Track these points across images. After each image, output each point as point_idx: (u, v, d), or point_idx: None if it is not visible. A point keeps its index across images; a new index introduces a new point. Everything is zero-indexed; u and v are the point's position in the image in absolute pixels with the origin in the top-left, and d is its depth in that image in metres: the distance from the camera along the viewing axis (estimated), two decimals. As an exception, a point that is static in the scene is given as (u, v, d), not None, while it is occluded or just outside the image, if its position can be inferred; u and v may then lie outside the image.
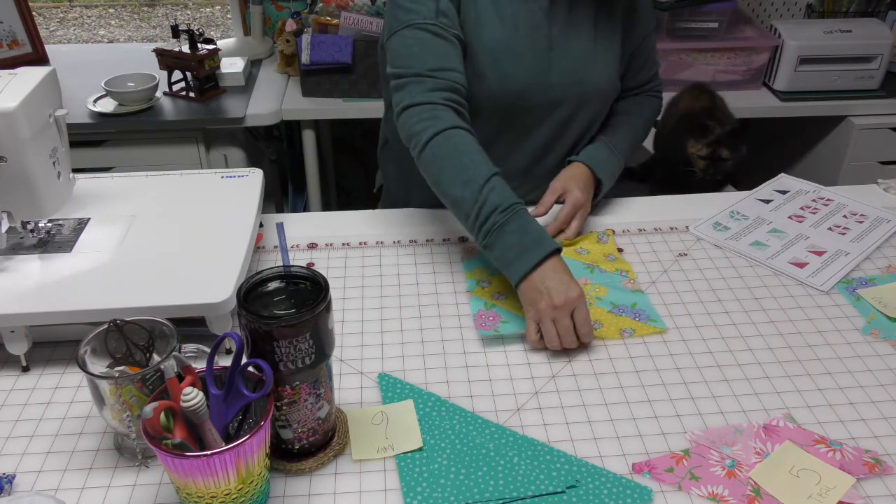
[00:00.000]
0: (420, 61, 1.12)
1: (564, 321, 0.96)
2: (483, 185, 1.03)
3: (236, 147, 2.08)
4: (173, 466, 0.68)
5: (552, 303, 0.96)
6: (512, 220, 1.01)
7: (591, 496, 0.78)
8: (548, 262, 0.98)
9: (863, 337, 1.01)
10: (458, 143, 1.08)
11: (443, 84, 1.11)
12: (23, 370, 0.95)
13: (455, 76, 1.13)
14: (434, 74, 1.11)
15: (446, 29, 1.13)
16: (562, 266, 0.99)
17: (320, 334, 0.74)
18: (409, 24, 1.13)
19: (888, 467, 0.81)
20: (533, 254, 0.99)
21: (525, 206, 1.05)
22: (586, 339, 0.97)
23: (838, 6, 2.38)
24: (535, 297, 0.97)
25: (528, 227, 1.02)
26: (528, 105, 1.22)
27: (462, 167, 1.06)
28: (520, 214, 1.02)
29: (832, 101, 2.16)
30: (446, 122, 1.09)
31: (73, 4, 4.92)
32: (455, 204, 1.07)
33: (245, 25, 2.45)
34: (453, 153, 1.07)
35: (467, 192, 1.04)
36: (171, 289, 0.93)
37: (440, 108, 1.10)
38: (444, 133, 1.08)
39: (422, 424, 0.86)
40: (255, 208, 1.11)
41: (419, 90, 1.11)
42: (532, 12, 1.19)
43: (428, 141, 1.08)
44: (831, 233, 1.23)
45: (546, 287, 0.97)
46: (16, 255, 1.00)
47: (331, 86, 2.06)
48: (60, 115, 1.01)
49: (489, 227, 1.02)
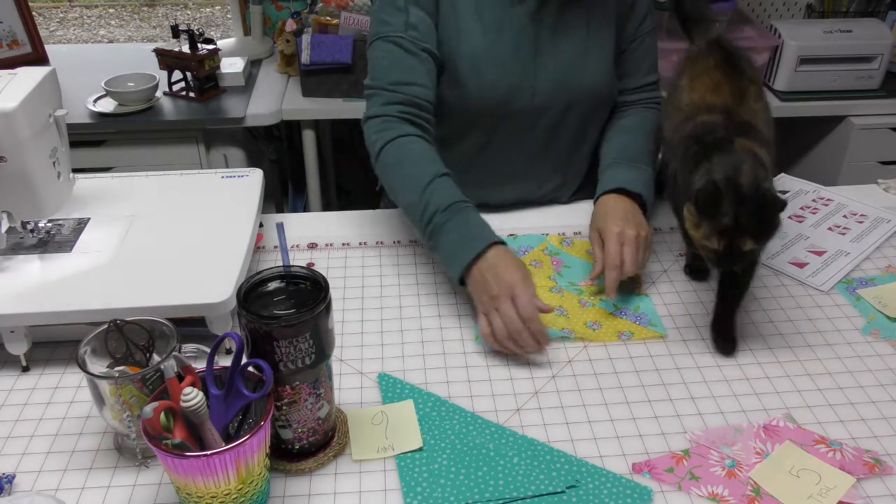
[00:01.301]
0: (385, 74, 1.15)
1: (505, 308, 0.94)
2: (426, 188, 1.05)
3: (236, 147, 2.08)
4: (173, 466, 0.68)
5: (490, 292, 0.96)
6: (452, 219, 1.03)
7: (591, 496, 0.78)
8: (487, 254, 0.98)
9: (863, 337, 1.01)
10: (406, 151, 1.11)
11: (400, 98, 1.13)
12: (23, 370, 0.95)
13: (415, 90, 1.14)
14: (394, 88, 1.14)
15: (415, 42, 1.15)
16: (502, 254, 0.99)
17: (320, 334, 0.74)
18: (382, 35, 1.16)
19: (888, 467, 0.81)
20: (471, 248, 0.99)
21: (469, 204, 1.05)
22: (531, 324, 0.94)
23: (838, 6, 2.38)
24: (477, 289, 0.98)
25: (467, 223, 1.03)
26: (515, 110, 1.21)
27: (408, 174, 1.09)
28: (460, 213, 1.03)
29: (832, 101, 2.16)
30: (397, 131, 1.12)
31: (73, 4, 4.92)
32: (406, 211, 1.10)
33: (245, 25, 2.45)
34: (401, 161, 1.10)
35: (413, 197, 1.06)
36: (171, 289, 0.93)
37: (393, 120, 1.13)
38: (392, 142, 1.11)
39: (422, 424, 0.86)
40: (255, 208, 1.11)
41: (378, 102, 1.15)
42: (518, 17, 1.17)
43: (379, 152, 1.12)
44: (831, 233, 1.23)
45: (484, 277, 0.97)
46: (16, 255, 1.00)
47: (331, 86, 2.06)
48: (60, 115, 1.01)
49: (432, 228, 1.04)
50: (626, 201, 1.12)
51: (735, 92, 1.01)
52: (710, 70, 1.04)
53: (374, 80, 1.16)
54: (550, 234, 1.22)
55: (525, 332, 0.94)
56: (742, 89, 1.01)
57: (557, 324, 1.02)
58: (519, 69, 1.19)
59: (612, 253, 1.04)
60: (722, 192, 0.87)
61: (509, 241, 1.20)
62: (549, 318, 1.03)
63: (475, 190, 1.28)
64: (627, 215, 1.09)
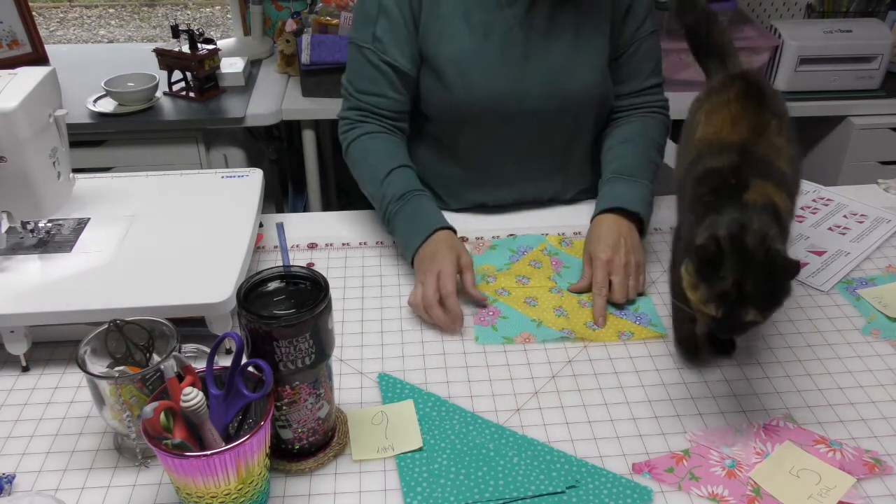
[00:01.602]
0: (354, 78, 1.22)
1: (428, 282, 1.01)
2: (384, 180, 1.15)
3: (236, 147, 2.08)
4: (173, 466, 0.68)
5: (423, 268, 1.04)
6: (405, 207, 1.12)
7: (591, 496, 0.78)
8: (431, 238, 1.07)
9: (863, 337, 1.01)
10: (369, 146, 1.19)
11: (363, 105, 1.21)
12: (23, 370, 0.95)
13: (377, 101, 1.21)
14: (358, 96, 1.22)
15: (378, 55, 1.18)
16: (444, 238, 1.07)
17: (320, 334, 0.74)
18: (353, 41, 1.21)
19: (888, 467, 0.81)
20: (419, 233, 1.08)
21: (422, 192, 1.14)
22: (447, 300, 1.00)
23: (838, 6, 2.38)
24: (417, 267, 1.07)
25: (418, 210, 1.12)
26: (504, 113, 1.20)
27: (369, 167, 1.18)
28: (413, 201, 1.12)
29: (832, 101, 2.16)
30: (362, 129, 1.21)
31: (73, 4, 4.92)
32: (371, 201, 1.19)
33: (245, 25, 2.45)
34: (364, 155, 1.19)
35: (373, 188, 1.16)
36: (171, 289, 0.93)
37: (359, 123, 1.22)
38: (358, 139, 1.20)
39: (422, 424, 0.86)
40: (255, 208, 1.11)
41: (346, 105, 1.24)
42: (506, 20, 1.17)
43: (347, 148, 1.22)
44: (831, 233, 1.23)
45: (423, 258, 1.06)
46: (16, 255, 1.00)
47: (331, 86, 2.06)
48: (60, 115, 1.01)
49: (388, 216, 1.14)
50: (622, 222, 1.11)
51: (754, 126, 0.90)
52: (729, 102, 0.94)
53: (347, 82, 1.24)
54: (550, 234, 1.22)
55: (437, 307, 1.00)
56: (763, 123, 0.90)
57: (557, 324, 1.02)
58: (507, 73, 1.18)
59: (598, 281, 1.05)
60: (724, 251, 0.76)
61: (509, 241, 1.20)
62: (550, 319, 1.03)
63: (473, 190, 1.29)
64: (620, 239, 1.08)
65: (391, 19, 1.16)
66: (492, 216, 1.29)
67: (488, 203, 1.30)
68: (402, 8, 1.16)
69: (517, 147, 1.25)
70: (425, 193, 1.15)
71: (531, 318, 1.03)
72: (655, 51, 1.26)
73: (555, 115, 1.22)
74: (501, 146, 1.24)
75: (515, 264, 1.14)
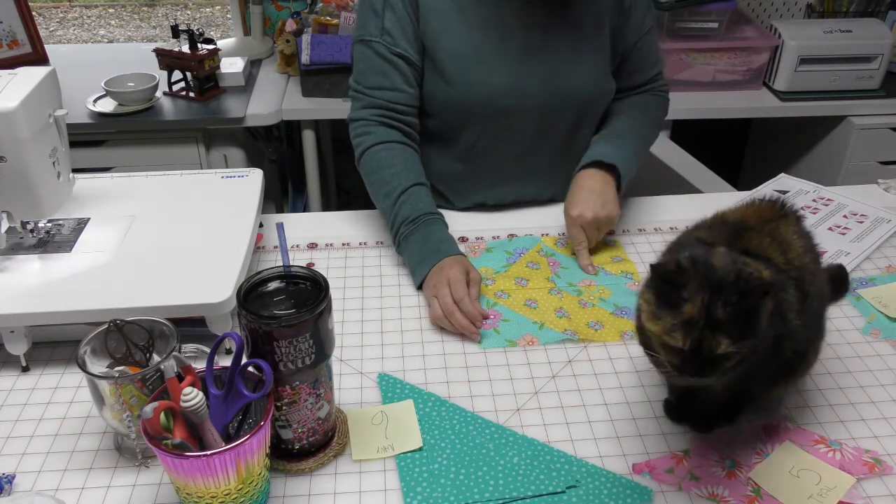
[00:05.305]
0: (363, 77, 1.21)
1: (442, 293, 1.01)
2: (397, 198, 1.14)
3: (236, 147, 2.08)
4: (173, 466, 0.68)
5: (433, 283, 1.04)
6: (416, 231, 1.11)
7: (591, 496, 0.78)
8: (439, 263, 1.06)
9: (863, 337, 1.01)
10: (383, 158, 1.18)
11: (377, 102, 1.19)
12: (23, 370, 0.95)
13: (391, 95, 1.19)
14: (370, 93, 1.20)
15: (388, 48, 1.17)
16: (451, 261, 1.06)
17: (320, 334, 0.74)
18: (361, 39, 1.20)
19: (888, 467, 0.81)
20: (429, 262, 1.08)
21: (436, 216, 1.14)
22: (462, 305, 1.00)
23: (838, 6, 2.38)
24: (426, 290, 1.06)
25: (430, 236, 1.11)
26: (504, 109, 1.20)
27: (383, 181, 1.17)
28: (425, 225, 1.11)
29: (832, 101, 2.16)
30: (376, 137, 1.19)
31: (73, 4, 4.92)
32: (382, 215, 1.19)
33: (245, 25, 2.45)
34: (377, 168, 1.18)
35: (386, 204, 1.16)
36: (171, 289, 0.93)
37: (372, 124, 1.20)
38: (371, 149, 1.19)
39: (422, 424, 0.86)
40: (255, 208, 1.11)
41: (357, 105, 1.22)
42: (505, 17, 1.17)
43: (361, 156, 1.21)
44: (831, 233, 1.23)
45: (432, 278, 1.05)
46: (16, 255, 1.00)
47: (331, 86, 2.06)
48: (60, 115, 1.01)
49: (399, 237, 1.13)
50: (599, 175, 1.17)
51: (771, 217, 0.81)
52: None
53: (356, 83, 1.22)
54: (546, 234, 1.22)
55: (458, 312, 0.99)
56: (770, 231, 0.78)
57: (560, 326, 1.02)
58: (506, 68, 1.19)
59: (573, 237, 1.15)
60: (686, 270, 0.67)
61: (504, 243, 1.20)
62: (552, 321, 1.03)
63: (472, 188, 1.29)
64: (593, 193, 1.15)
65: (396, 12, 1.17)
66: (491, 215, 1.29)
67: (488, 202, 1.30)
68: (404, 2, 1.17)
69: (517, 144, 1.25)
70: (439, 218, 1.14)
71: (533, 321, 1.03)
72: (655, 43, 1.30)
73: (555, 112, 1.23)
74: (502, 143, 1.25)
75: (513, 266, 1.14)
